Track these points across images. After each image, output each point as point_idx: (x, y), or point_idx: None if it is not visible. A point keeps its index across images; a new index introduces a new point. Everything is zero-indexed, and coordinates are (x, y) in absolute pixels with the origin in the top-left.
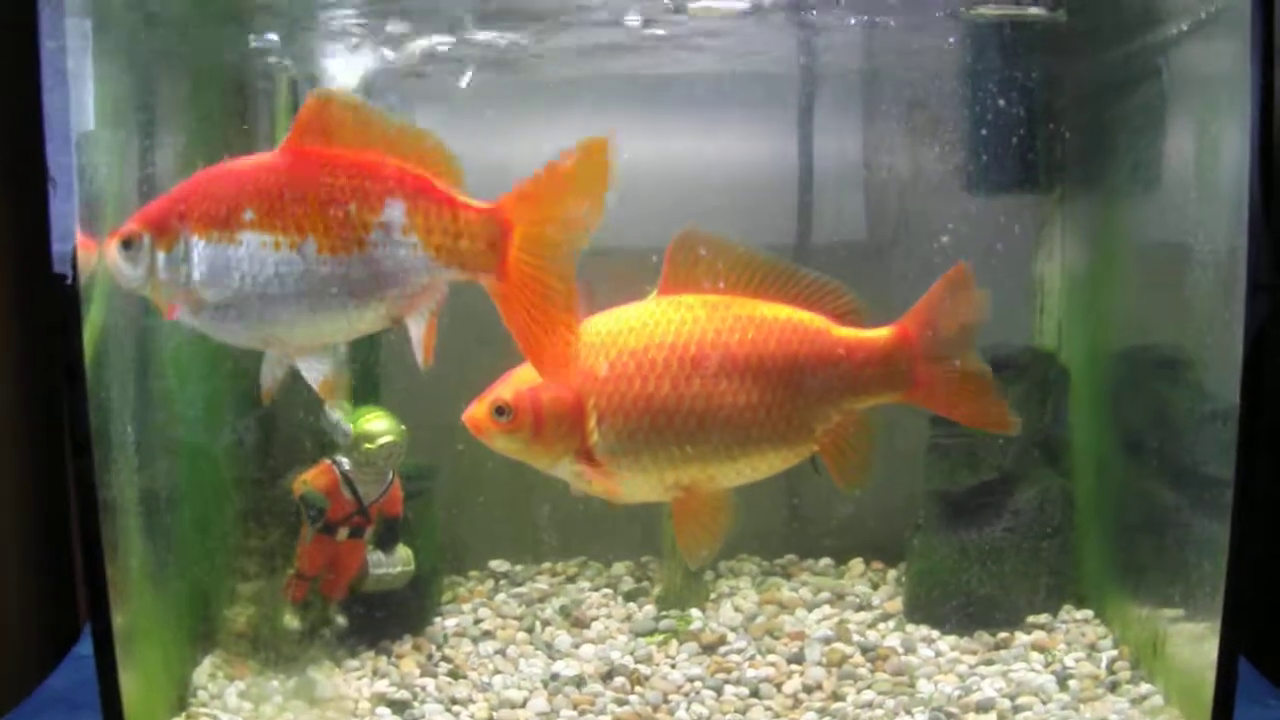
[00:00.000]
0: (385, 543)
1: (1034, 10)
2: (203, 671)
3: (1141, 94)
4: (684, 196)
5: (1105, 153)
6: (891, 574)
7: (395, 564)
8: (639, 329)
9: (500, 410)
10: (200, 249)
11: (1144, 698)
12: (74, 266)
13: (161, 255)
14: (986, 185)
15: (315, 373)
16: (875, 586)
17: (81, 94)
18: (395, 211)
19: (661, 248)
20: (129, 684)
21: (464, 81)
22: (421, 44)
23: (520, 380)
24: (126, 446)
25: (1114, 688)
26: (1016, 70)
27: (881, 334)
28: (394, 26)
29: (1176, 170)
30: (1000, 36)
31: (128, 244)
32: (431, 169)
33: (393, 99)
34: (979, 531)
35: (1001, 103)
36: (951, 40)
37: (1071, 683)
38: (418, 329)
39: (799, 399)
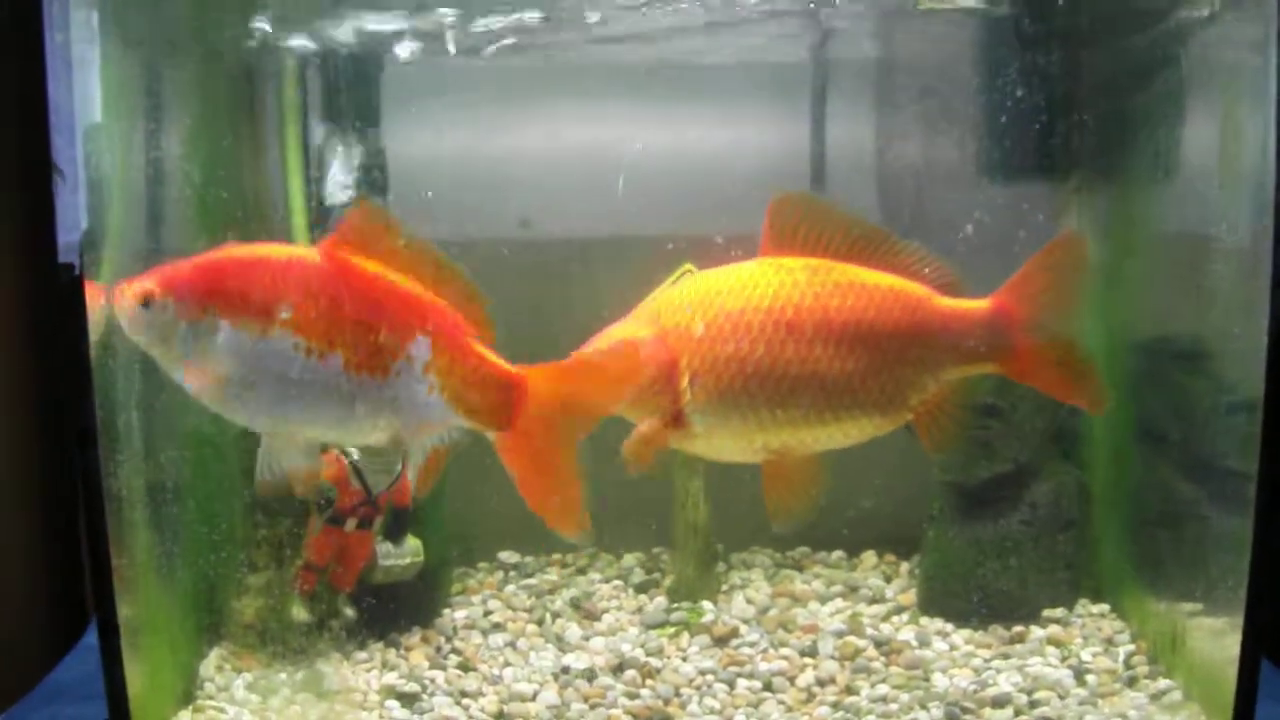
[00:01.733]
0: (394, 533)
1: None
2: (210, 664)
3: (1161, 81)
4: (696, 186)
5: (1124, 141)
6: (905, 566)
7: (404, 555)
8: (737, 290)
9: None
10: (228, 334)
11: (1163, 693)
12: (81, 256)
13: (184, 325)
14: (1002, 173)
15: (297, 460)
16: (889, 579)
17: (87, 85)
18: (421, 348)
19: (674, 236)
20: (135, 676)
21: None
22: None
23: (615, 337)
24: (133, 437)
25: (1132, 683)
26: (1032, 57)
27: (981, 305)
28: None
29: (1197, 158)
30: (1016, 24)
31: (148, 304)
32: (462, 308)
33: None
34: (994, 524)
35: (1017, 90)
36: (967, 28)
37: (1089, 677)
38: (418, 457)
39: (896, 368)
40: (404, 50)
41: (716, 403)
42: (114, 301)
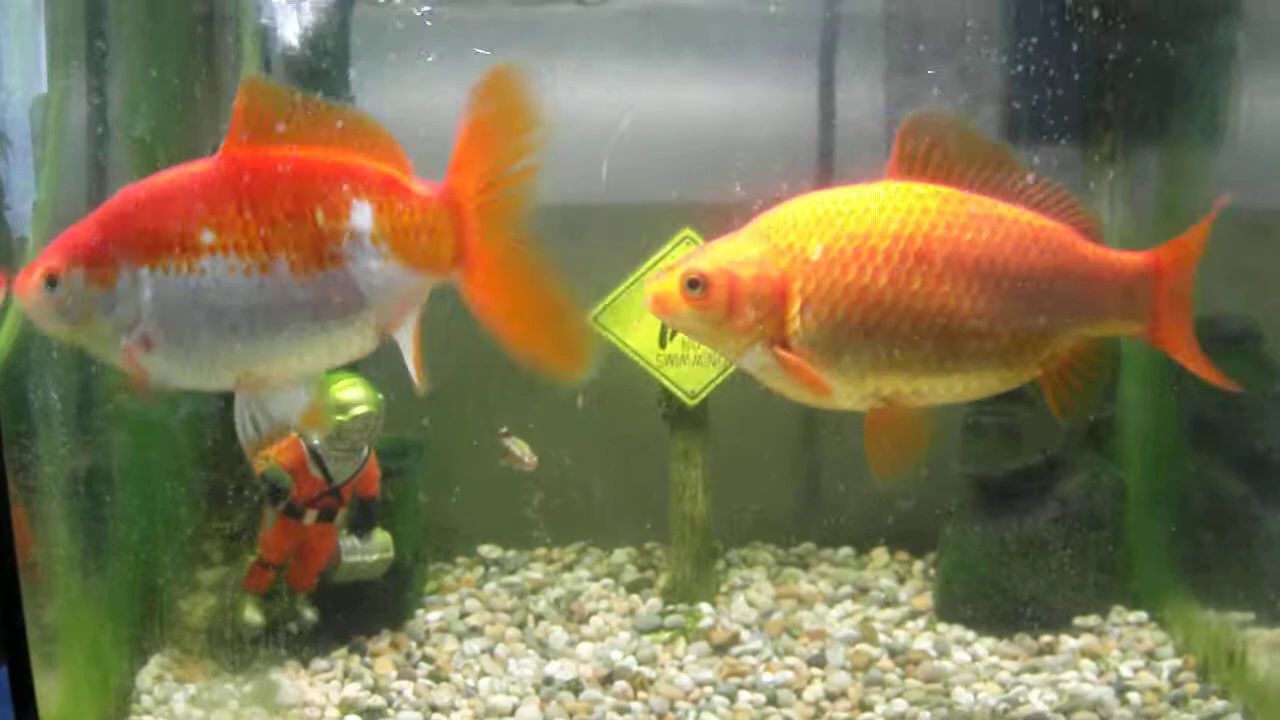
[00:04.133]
0: (360, 527)
1: None
2: (149, 673)
3: (1216, 35)
4: (693, 148)
5: (1169, 100)
6: (918, 565)
7: (371, 551)
8: (860, 212)
9: (694, 283)
10: (151, 281)
11: (1218, 715)
12: None
13: (98, 293)
14: (1027, 135)
15: (295, 404)
16: (901, 580)
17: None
18: (363, 216)
19: (672, 201)
20: (52, 691)
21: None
22: None
23: (719, 252)
24: (51, 416)
25: (1179, 703)
26: (1064, 7)
27: (1135, 258)
28: None
29: (1255, 122)
30: None
31: (53, 282)
32: (379, 157)
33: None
34: (1020, 522)
35: (1046, 44)
36: None
37: (1131, 695)
38: (405, 343)
39: (1031, 315)
40: None
41: (829, 336)
42: (19, 296)
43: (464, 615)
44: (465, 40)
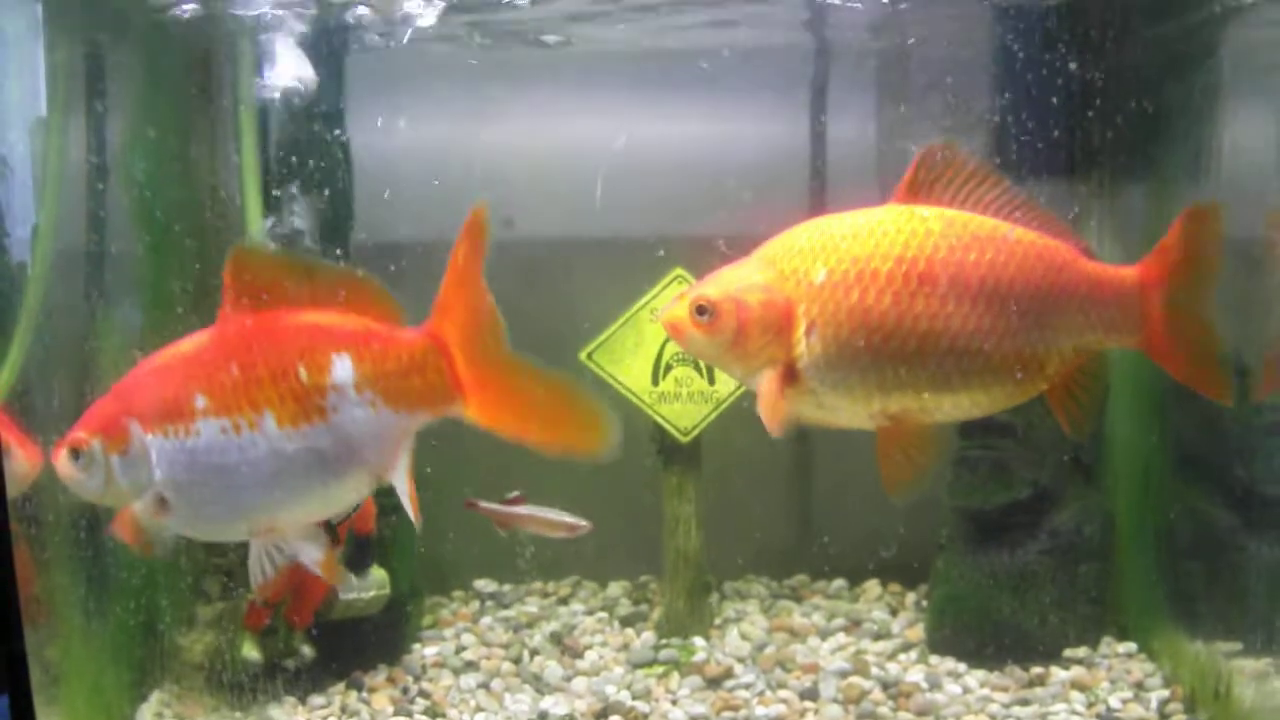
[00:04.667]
0: (356, 564)
1: None
2: (149, 710)
3: (1200, 74)
4: (685, 181)
5: (1156, 138)
6: (910, 598)
7: (368, 587)
8: (864, 235)
9: (702, 310)
10: (155, 446)
11: None
12: None
13: (115, 460)
14: (1016, 170)
15: (310, 555)
16: (894, 612)
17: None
18: (344, 369)
19: (664, 235)
20: None
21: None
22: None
23: (727, 279)
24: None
25: None
26: (1053, 47)
27: (1128, 271)
28: None
29: (1240, 156)
30: (1036, 10)
31: (76, 454)
32: (369, 307)
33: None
34: (1010, 554)
35: (1035, 82)
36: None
37: None
38: (403, 488)
39: (1035, 331)
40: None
41: (835, 358)
42: (58, 469)
43: (460, 650)
44: (462, 79)
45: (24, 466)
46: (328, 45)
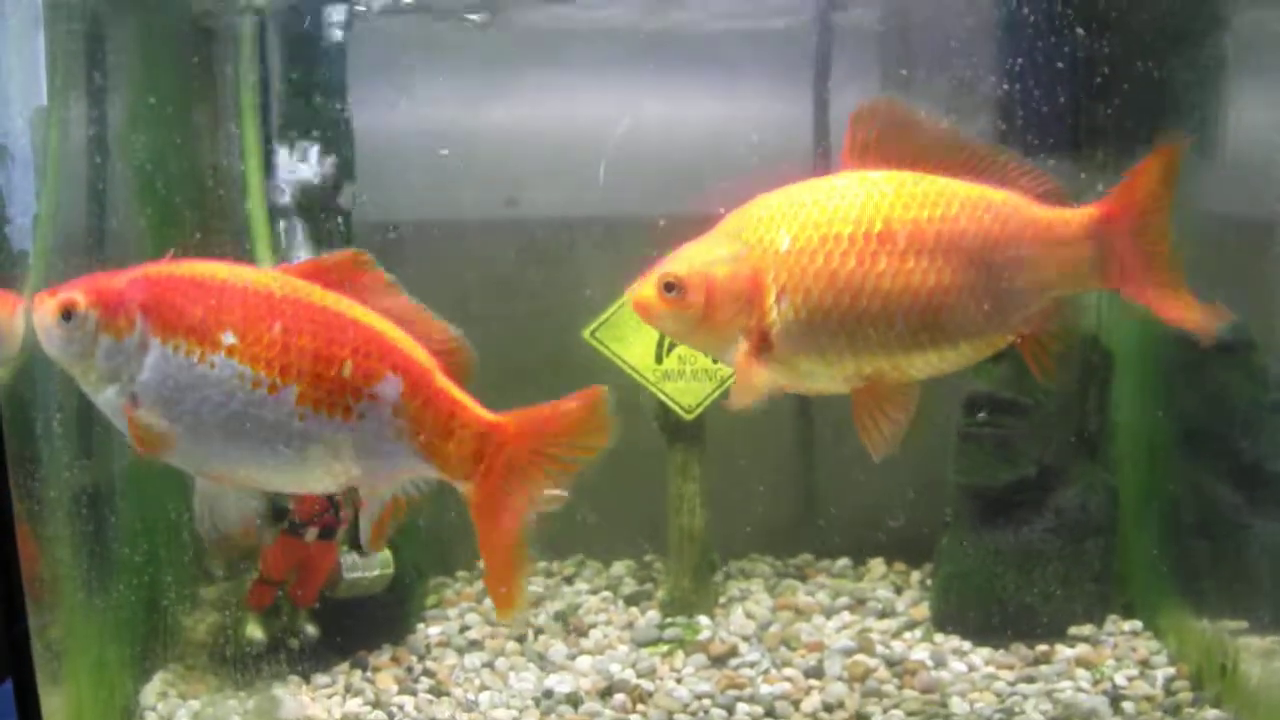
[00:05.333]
0: (360, 543)
1: None
2: (153, 690)
3: (1207, 48)
4: (689, 162)
5: (1160, 113)
6: (915, 576)
7: (372, 566)
8: (823, 202)
9: (670, 286)
10: (157, 353)
11: None
12: None
13: (106, 340)
14: (1019, 148)
15: (242, 507)
16: (898, 590)
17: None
18: (391, 388)
19: (669, 215)
20: (57, 708)
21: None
22: None
23: (692, 254)
24: (55, 435)
25: (1174, 711)
26: (1054, 19)
27: (1085, 212)
28: None
29: (1245, 133)
30: None
31: (68, 315)
32: (440, 354)
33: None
34: (1015, 532)
35: (1037, 57)
36: None
37: (1125, 704)
38: (372, 509)
39: (996, 282)
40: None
41: (808, 323)
42: (33, 312)
43: (464, 629)
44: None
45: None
46: (331, 17)
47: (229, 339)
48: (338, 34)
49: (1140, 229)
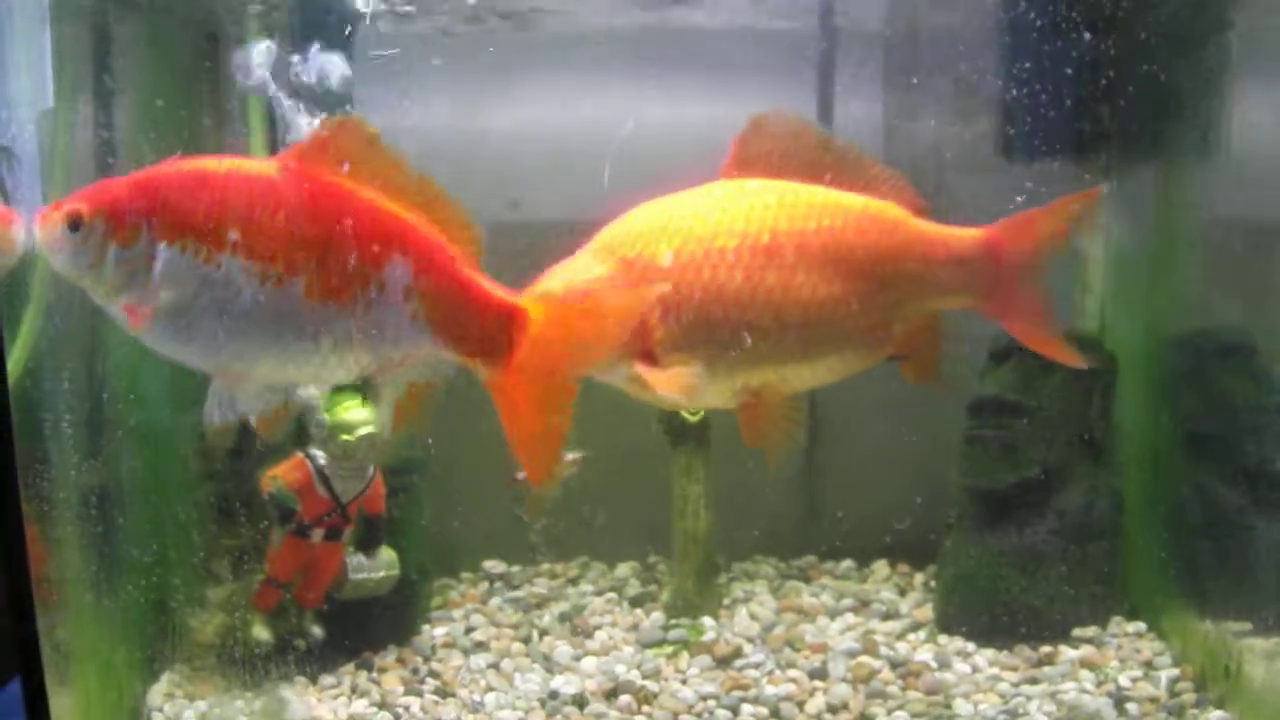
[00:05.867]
0: (366, 544)
1: None
2: (160, 691)
3: (1210, 51)
4: (692, 165)
5: (1164, 116)
6: (919, 578)
7: (378, 568)
8: (704, 215)
9: None
10: (167, 257)
11: None
12: None
13: (114, 249)
14: (1022, 152)
15: (259, 405)
16: (902, 592)
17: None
18: (400, 271)
19: None
20: (65, 709)
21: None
22: None
23: (569, 275)
24: (63, 437)
25: (1178, 713)
26: (1058, 23)
27: (971, 233)
28: None
29: (1248, 136)
30: None
31: (75, 226)
32: (449, 234)
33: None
34: (1019, 534)
35: (1040, 60)
36: None
37: (1129, 706)
38: (390, 395)
39: (880, 294)
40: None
41: (693, 339)
42: (39, 227)
43: (469, 630)
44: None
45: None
46: (337, 20)
47: (233, 236)
48: (342, 38)
49: (1027, 264)
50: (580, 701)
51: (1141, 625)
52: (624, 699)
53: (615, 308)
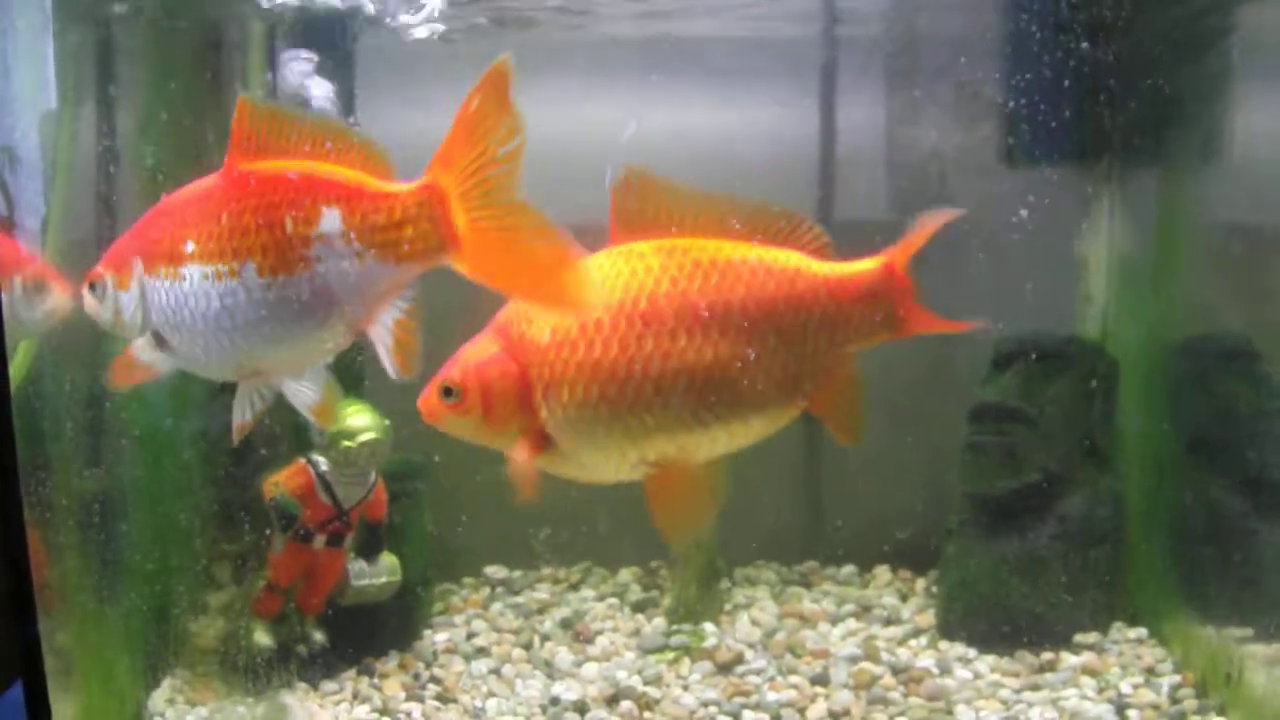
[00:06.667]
0: (368, 550)
1: None
2: (161, 696)
3: (1212, 57)
4: (697, 170)
5: (1167, 122)
6: (920, 584)
7: (379, 574)
8: None
9: (448, 391)
10: (150, 287)
11: None
12: None
13: (121, 296)
14: (1024, 158)
15: (303, 397)
16: (904, 598)
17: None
18: (332, 220)
19: None
20: (66, 713)
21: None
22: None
23: (467, 356)
24: (63, 438)
25: (1180, 719)
26: (1059, 29)
27: (867, 266)
28: None
29: (1250, 142)
30: None
31: (93, 286)
32: (362, 165)
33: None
34: (1020, 539)
35: (1042, 67)
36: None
37: (1131, 712)
38: (383, 339)
39: (780, 350)
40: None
41: (576, 417)
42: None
43: (471, 636)
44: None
45: (61, 299)
46: (338, 30)
47: (189, 248)
48: (346, 44)
49: (911, 281)
50: (581, 708)
51: (1143, 631)
52: (625, 705)
53: (488, 118)
